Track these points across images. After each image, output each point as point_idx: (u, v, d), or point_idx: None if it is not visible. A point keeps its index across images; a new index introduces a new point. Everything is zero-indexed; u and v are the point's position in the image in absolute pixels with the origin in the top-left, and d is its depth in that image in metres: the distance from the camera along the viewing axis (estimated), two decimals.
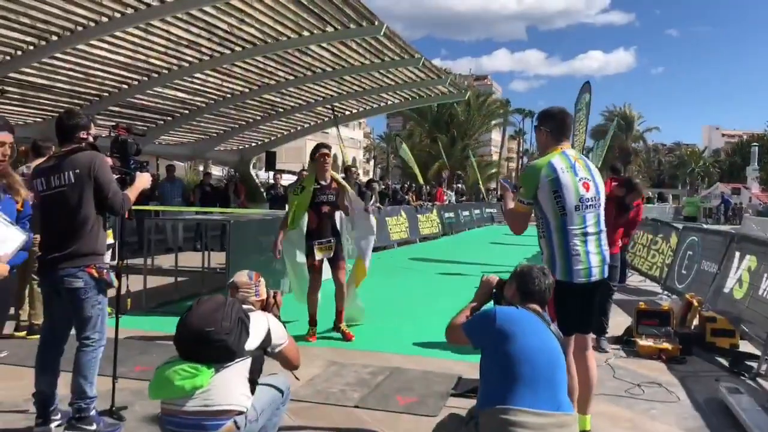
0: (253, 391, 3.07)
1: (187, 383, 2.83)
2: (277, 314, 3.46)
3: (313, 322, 6.45)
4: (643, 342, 6.22)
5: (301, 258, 6.57)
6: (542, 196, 3.57)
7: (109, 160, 3.96)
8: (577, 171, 3.61)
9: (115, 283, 4.10)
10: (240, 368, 2.99)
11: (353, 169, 15.65)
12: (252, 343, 3.05)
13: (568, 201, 3.55)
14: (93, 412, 3.86)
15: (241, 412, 2.92)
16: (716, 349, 6.25)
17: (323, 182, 6.37)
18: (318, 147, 6.42)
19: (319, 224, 6.31)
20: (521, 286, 3.11)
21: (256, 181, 22.17)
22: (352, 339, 6.34)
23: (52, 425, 3.88)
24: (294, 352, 3.35)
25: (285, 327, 3.38)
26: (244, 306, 3.21)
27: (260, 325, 3.17)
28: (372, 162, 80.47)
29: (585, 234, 3.62)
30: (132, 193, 3.85)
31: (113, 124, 4.03)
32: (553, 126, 3.67)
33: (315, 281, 6.43)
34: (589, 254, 3.63)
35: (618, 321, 7.30)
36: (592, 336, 3.98)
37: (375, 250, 7.70)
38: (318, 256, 6.30)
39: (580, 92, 16.96)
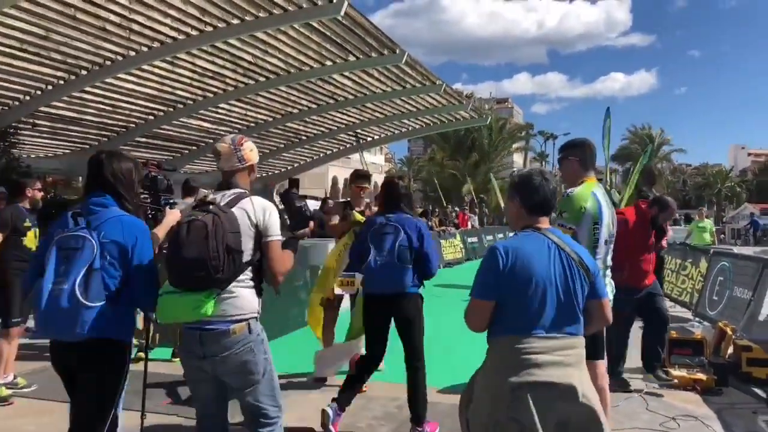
0: (260, 292, 3.00)
1: (193, 315, 2.77)
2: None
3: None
4: (677, 372, 6.07)
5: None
6: (582, 226, 3.54)
7: None
8: (610, 205, 3.66)
9: (140, 323, 4.01)
10: (242, 283, 2.91)
11: (329, 201, 14.68)
12: (246, 252, 2.89)
13: (602, 234, 3.57)
14: None
15: (254, 318, 2.96)
16: (753, 379, 6.04)
17: (357, 208, 5.92)
18: (355, 176, 6.01)
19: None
20: (524, 199, 2.77)
21: (279, 207, 22.42)
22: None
23: None
24: (281, 254, 2.99)
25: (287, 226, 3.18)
26: (233, 192, 3.01)
27: (251, 215, 2.94)
28: None
29: (606, 267, 3.68)
30: (161, 230, 3.78)
31: (144, 160, 4.03)
32: (582, 155, 3.69)
33: (329, 318, 5.95)
34: (607, 286, 3.65)
35: None
36: (603, 362, 3.85)
37: None
38: (337, 290, 5.75)
39: (604, 118, 16.92)
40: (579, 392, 2.50)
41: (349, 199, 5.94)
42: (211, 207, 2.88)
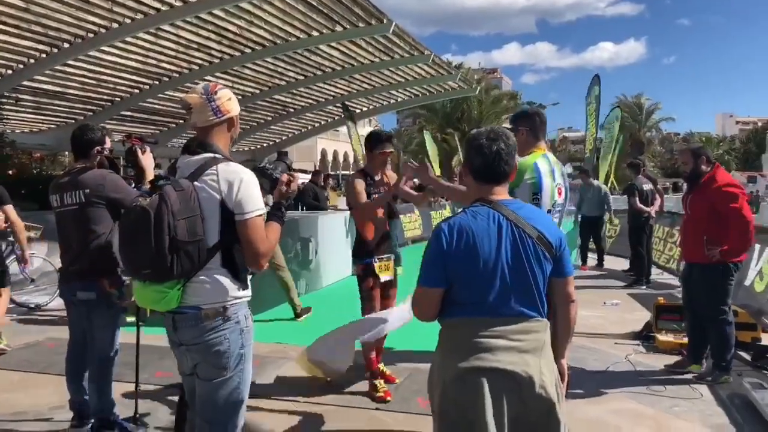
0: (239, 275, 2.53)
1: (161, 305, 2.51)
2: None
3: (376, 373, 4.85)
4: (663, 337, 6.16)
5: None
6: (520, 197, 3.29)
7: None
8: (555, 176, 3.58)
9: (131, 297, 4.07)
10: (213, 270, 2.49)
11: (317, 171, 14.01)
12: (211, 236, 2.45)
13: (544, 205, 3.50)
14: (117, 418, 3.88)
15: (234, 304, 2.55)
16: (738, 343, 6.11)
17: (375, 177, 4.84)
18: (377, 140, 4.78)
19: (376, 233, 4.79)
20: (471, 164, 2.43)
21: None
22: (395, 381, 5.01)
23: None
24: (260, 233, 2.50)
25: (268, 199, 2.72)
26: (201, 158, 2.53)
27: (215, 188, 2.45)
28: None
29: None
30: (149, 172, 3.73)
31: (127, 133, 4.00)
32: (531, 125, 3.63)
33: (372, 311, 4.71)
34: None
35: (637, 316, 7.21)
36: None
37: None
38: (383, 276, 4.75)
39: (590, 85, 16.90)
40: (536, 383, 2.26)
41: (363, 167, 4.96)
42: (162, 183, 2.46)
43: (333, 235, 9.74)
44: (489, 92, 48.00)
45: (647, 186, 9.81)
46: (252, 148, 22.39)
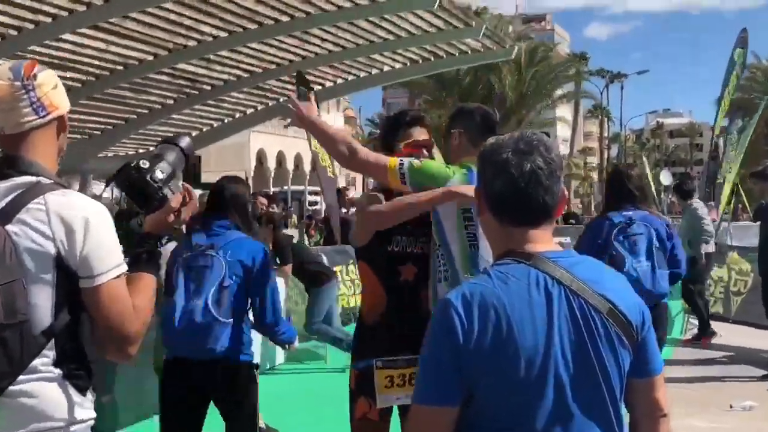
0: (82, 385, 1.90)
1: None
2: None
3: None
4: None
5: None
6: (445, 217, 2.97)
7: None
8: None
9: None
10: (40, 373, 1.87)
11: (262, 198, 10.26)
12: (40, 317, 1.81)
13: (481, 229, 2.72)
14: None
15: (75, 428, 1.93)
16: None
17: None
18: (410, 119, 3.45)
19: (397, 305, 3.15)
20: (490, 187, 1.69)
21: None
22: None
23: None
24: (123, 302, 1.85)
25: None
26: (12, 185, 1.86)
27: (46, 235, 1.81)
28: None
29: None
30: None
31: None
32: (468, 126, 3.17)
33: None
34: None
35: None
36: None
37: None
38: (385, 398, 3.09)
39: (734, 47, 13.61)
40: None
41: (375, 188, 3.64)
42: None
43: None
44: (534, 54, 36.24)
45: None
46: (139, 150, 17.84)
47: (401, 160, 2.88)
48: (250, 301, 3.32)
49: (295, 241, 8.27)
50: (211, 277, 3.23)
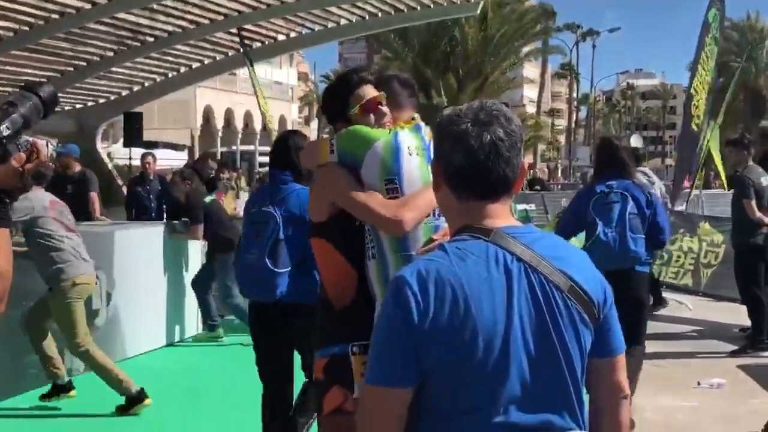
0: None
1: None
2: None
3: None
4: None
5: None
6: (368, 187, 2.63)
7: None
8: (431, 156, 2.69)
9: None
10: None
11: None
12: None
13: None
14: None
15: None
16: None
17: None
18: (357, 79, 3.03)
19: (361, 288, 2.87)
20: (447, 160, 1.64)
21: (109, 166, 16.98)
22: None
23: None
24: None
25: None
26: None
27: None
28: (316, 123, 52.92)
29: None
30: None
31: None
32: (386, 93, 2.89)
33: None
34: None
35: (757, 407, 5.82)
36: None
37: None
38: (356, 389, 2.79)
39: (708, 7, 12.69)
40: None
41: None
42: None
43: (145, 264, 7.38)
44: (501, 7, 34.32)
45: None
46: (77, 107, 16.81)
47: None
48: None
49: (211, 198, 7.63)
50: (267, 231, 3.60)
